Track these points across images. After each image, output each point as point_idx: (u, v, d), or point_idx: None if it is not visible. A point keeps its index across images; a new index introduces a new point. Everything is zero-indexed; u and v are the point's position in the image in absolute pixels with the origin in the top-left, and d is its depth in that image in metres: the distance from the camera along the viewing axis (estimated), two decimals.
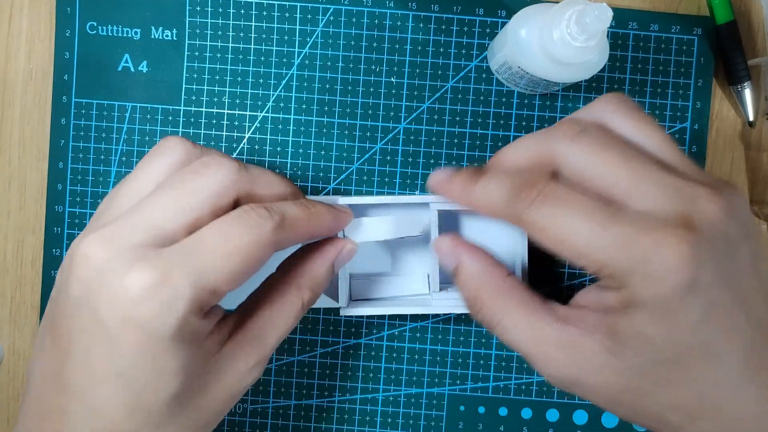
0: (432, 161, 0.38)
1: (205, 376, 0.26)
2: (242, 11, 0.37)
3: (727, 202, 0.23)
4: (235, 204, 0.26)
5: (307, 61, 0.37)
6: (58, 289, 0.26)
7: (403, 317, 0.38)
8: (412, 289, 0.36)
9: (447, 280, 0.33)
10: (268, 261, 0.26)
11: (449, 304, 0.33)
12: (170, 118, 0.37)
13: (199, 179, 0.25)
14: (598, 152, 0.25)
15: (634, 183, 0.24)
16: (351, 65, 0.37)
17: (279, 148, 0.38)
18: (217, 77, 0.37)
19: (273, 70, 0.37)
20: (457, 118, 0.37)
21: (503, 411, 0.38)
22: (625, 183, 0.24)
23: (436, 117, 0.38)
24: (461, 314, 0.38)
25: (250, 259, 0.24)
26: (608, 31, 0.34)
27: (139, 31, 0.37)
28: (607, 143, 0.25)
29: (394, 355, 0.38)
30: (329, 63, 0.37)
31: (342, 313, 0.33)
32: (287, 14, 0.37)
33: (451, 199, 0.29)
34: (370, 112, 0.38)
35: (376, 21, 0.37)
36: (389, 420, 0.38)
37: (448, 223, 0.36)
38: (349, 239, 0.31)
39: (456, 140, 0.38)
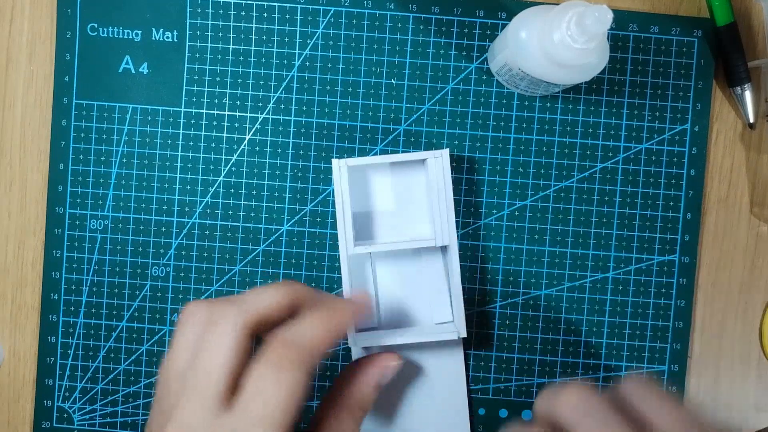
0: None
1: None
2: (243, 13, 0.37)
3: None
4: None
5: (307, 63, 0.37)
6: None
7: None
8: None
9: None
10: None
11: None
12: (171, 119, 0.38)
13: (217, 338, 0.27)
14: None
15: None
16: (351, 67, 0.37)
17: (279, 150, 0.38)
18: (218, 79, 0.37)
19: (273, 72, 0.37)
20: (458, 120, 0.38)
21: (503, 413, 0.38)
22: None
23: (436, 119, 0.38)
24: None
25: (300, 395, 0.26)
26: (608, 33, 0.34)
27: (139, 32, 0.37)
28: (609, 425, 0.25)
29: None
30: (330, 65, 0.37)
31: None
32: (288, 16, 0.37)
33: None
34: (370, 113, 0.38)
35: (377, 23, 0.37)
36: None
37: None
38: (392, 355, 0.33)
39: (456, 142, 0.38)
